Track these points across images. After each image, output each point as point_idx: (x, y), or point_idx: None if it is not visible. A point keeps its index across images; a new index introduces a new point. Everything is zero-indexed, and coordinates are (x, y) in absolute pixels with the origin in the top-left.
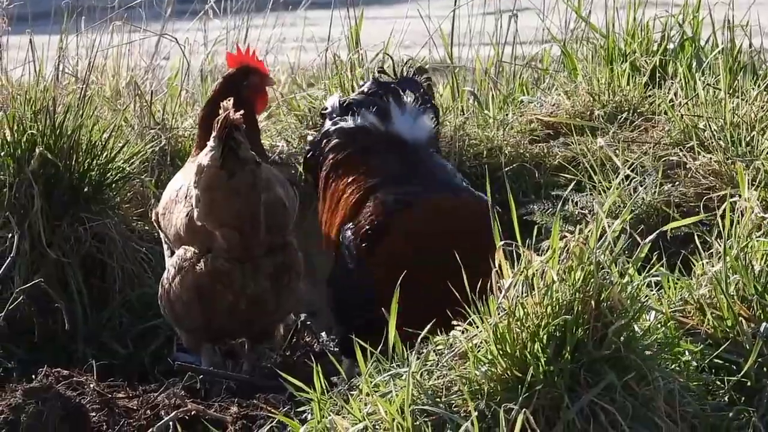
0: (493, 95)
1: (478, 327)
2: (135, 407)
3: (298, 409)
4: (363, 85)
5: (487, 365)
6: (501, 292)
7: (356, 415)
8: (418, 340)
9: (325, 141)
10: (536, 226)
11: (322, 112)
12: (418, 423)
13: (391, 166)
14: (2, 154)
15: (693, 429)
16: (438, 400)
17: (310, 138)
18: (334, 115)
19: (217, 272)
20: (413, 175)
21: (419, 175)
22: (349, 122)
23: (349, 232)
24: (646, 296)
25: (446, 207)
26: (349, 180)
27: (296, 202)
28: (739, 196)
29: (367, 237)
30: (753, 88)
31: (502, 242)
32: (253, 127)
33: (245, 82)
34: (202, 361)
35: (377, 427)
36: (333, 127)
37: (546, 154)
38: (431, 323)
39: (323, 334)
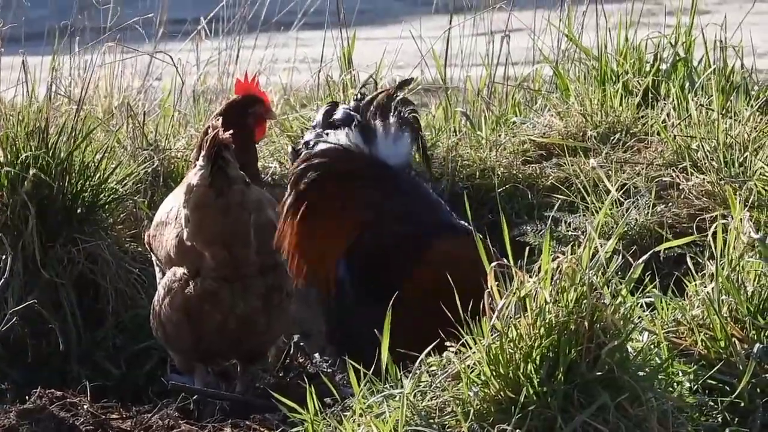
0: (485, 116)
1: (471, 348)
2: (128, 428)
3: (292, 430)
4: (349, 105)
5: (480, 386)
6: (494, 313)
7: None
8: (418, 361)
9: (304, 153)
10: (529, 247)
11: (312, 125)
12: None
13: (378, 196)
14: None
15: None
16: (431, 421)
17: (289, 149)
18: (317, 128)
19: (205, 292)
20: (405, 209)
21: (412, 210)
22: (331, 138)
23: (343, 269)
24: (639, 317)
25: (449, 252)
26: (333, 208)
27: None
28: (732, 216)
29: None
30: (746, 109)
31: (495, 263)
32: (251, 153)
33: (251, 110)
34: (195, 382)
35: None
36: (314, 140)
37: (539, 175)
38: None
39: (316, 355)
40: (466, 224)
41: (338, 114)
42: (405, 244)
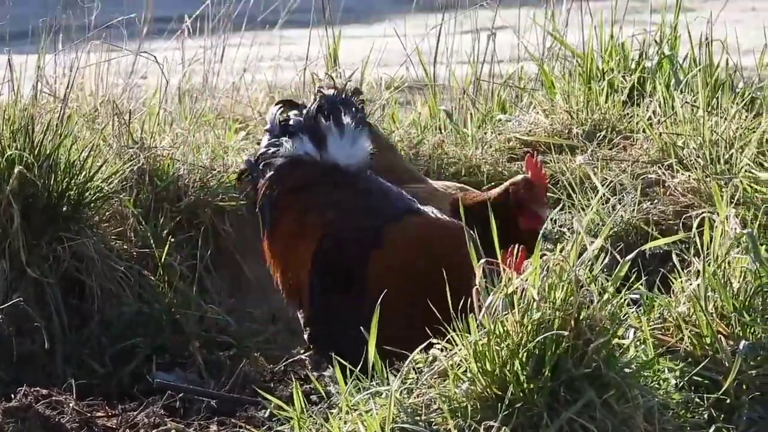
0: (471, 114)
1: (457, 345)
2: (114, 426)
3: (279, 428)
4: (304, 106)
5: (467, 383)
6: (481, 310)
7: None
8: (408, 359)
9: (262, 165)
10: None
11: (265, 128)
12: None
13: (337, 198)
14: None
15: None
16: (418, 418)
17: (245, 158)
18: (273, 134)
19: None
20: (365, 205)
21: (372, 205)
22: (284, 150)
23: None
24: (626, 314)
25: (421, 230)
26: (295, 218)
27: None
28: (718, 213)
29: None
30: (731, 106)
31: (483, 260)
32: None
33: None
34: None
35: None
36: (270, 150)
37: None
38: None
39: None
40: (432, 209)
41: (291, 119)
42: (364, 232)
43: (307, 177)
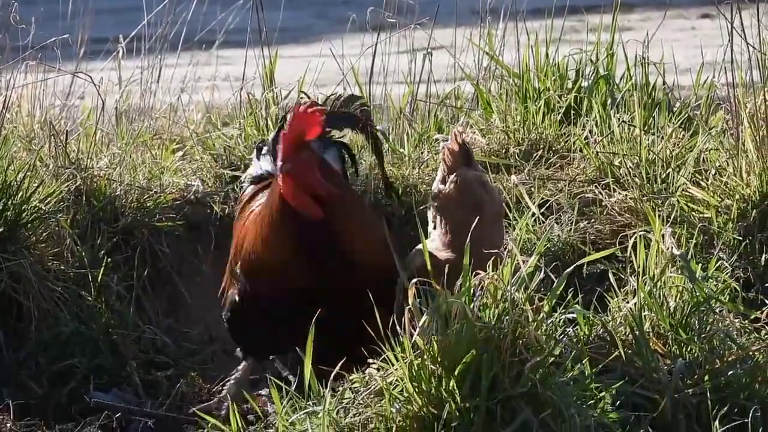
0: (408, 133)
1: (393, 365)
2: None
3: None
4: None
5: (402, 402)
6: (416, 330)
7: None
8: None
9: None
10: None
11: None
12: None
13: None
14: None
15: None
16: None
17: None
18: (264, 151)
19: None
20: None
21: None
22: (252, 170)
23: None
24: (562, 333)
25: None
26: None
27: None
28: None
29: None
30: (668, 125)
31: (416, 280)
32: None
33: None
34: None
35: None
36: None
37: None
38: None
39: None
40: None
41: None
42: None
43: (261, 188)
